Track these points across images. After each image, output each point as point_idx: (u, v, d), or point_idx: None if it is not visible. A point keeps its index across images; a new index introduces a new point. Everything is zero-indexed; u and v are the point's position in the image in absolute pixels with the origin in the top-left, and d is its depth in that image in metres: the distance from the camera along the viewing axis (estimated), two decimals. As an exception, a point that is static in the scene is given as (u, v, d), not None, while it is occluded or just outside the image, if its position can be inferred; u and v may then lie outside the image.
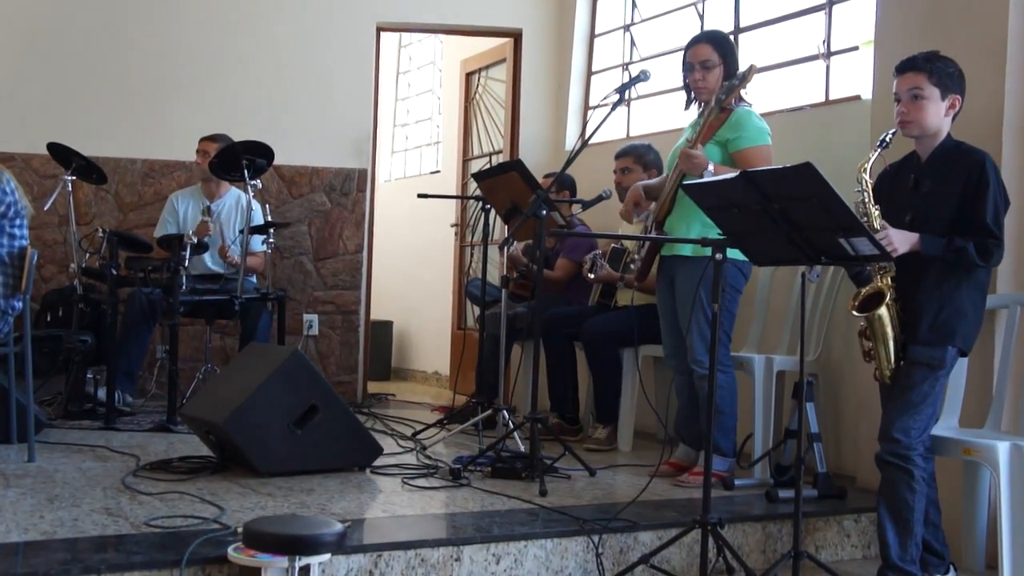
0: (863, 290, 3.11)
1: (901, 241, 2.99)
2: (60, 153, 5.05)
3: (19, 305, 4.07)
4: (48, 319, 5.49)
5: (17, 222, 4.06)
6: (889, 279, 3.09)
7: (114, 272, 4.84)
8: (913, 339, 3.07)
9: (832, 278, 4.23)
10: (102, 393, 4.93)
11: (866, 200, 3.07)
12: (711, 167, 3.76)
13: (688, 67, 4.04)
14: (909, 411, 3.03)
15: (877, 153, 3.12)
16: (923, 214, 3.09)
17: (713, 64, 3.98)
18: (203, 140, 5.60)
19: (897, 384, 3.09)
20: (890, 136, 3.11)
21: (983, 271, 3.07)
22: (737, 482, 3.93)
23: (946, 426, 3.33)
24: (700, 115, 4.07)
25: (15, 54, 6.07)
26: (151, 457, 3.95)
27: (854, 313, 3.10)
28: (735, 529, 3.40)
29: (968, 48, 3.49)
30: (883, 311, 3.05)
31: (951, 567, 3.25)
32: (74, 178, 5.07)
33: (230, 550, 2.58)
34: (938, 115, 3.09)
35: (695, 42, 4.06)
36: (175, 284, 4.75)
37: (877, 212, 3.06)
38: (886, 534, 3.06)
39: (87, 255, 5.08)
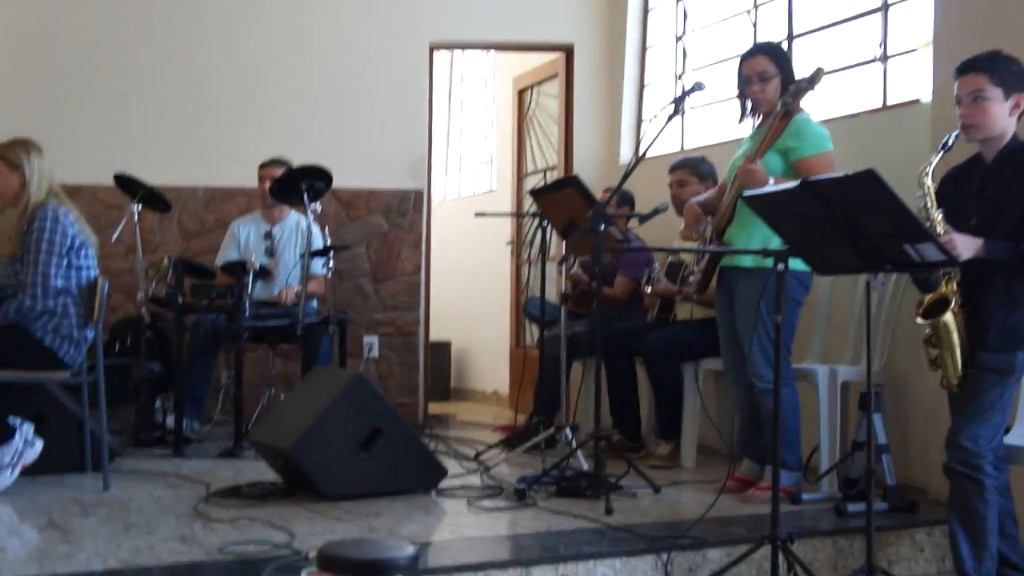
0: (927, 297, 3.06)
1: (965, 247, 2.93)
2: (126, 183, 5.15)
3: (91, 335, 4.16)
4: (117, 348, 5.59)
5: (83, 252, 4.15)
6: (954, 284, 3.03)
7: (180, 300, 4.91)
8: (982, 345, 3.00)
9: (895, 285, 4.17)
10: (171, 420, 5.01)
11: (928, 205, 3.02)
12: (772, 182, 3.72)
13: (746, 80, 4.00)
14: (977, 418, 2.97)
15: (939, 156, 3.06)
16: (988, 218, 3.03)
17: (771, 75, 3.95)
18: (264, 166, 5.66)
19: (965, 391, 3.02)
20: (953, 138, 3.05)
21: (1053, 276, 3.00)
22: (804, 496, 3.88)
23: (1019, 434, 3.25)
24: (759, 127, 4.04)
25: (77, 86, 6.22)
26: (220, 483, 4.00)
27: (919, 320, 3.05)
28: (805, 545, 3.36)
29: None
30: (948, 317, 2.99)
31: (1031, 580, 3.17)
32: (140, 207, 5.16)
33: (303, 575, 2.60)
34: (1002, 116, 3.02)
35: (751, 54, 4.03)
36: (239, 309, 4.81)
37: (940, 217, 3.01)
38: (959, 546, 3.00)
39: (153, 284, 5.16)
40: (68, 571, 2.77)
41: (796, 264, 3.41)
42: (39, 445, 3.97)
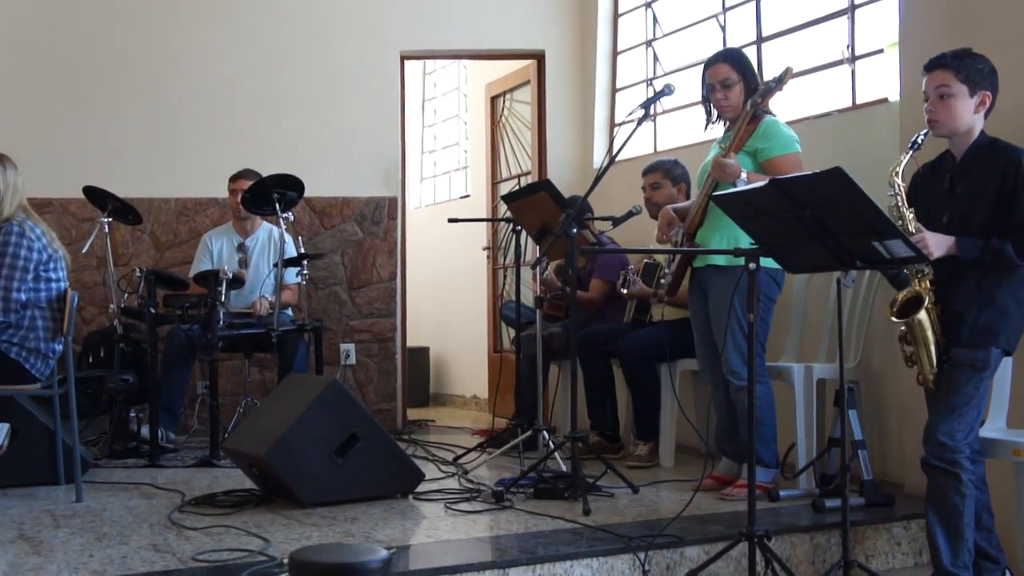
0: (901, 295, 3.07)
1: (937, 245, 2.95)
2: (96, 196, 5.12)
3: (59, 348, 4.13)
4: (90, 360, 5.55)
5: (51, 266, 4.13)
6: (928, 282, 3.05)
7: (152, 311, 4.89)
8: (955, 341, 3.02)
9: (868, 283, 4.20)
10: (145, 431, 4.98)
11: (899, 204, 3.04)
12: (744, 175, 3.75)
13: (709, 87, 4.06)
14: (953, 414, 2.99)
15: (909, 155, 3.08)
16: (959, 214, 3.05)
17: (733, 82, 4.00)
18: (234, 179, 5.65)
19: (941, 387, 3.04)
20: (922, 137, 3.07)
21: (1025, 270, 3.02)
22: (782, 493, 3.89)
23: (994, 427, 3.27)
24: (727, 130, 4.07)
25: (48, 100, 6.19)
26: (196, 492, 3.98)
27: (893, 319, 3.06)
28: (782, 541, 3.37)
29: (996, 44, 3.44)
30: (922, 315, 3.00)
31: (1007, 571, 3.18)
32: (110, 220, 5.13)
33: (277, 581, 2.59)
34: (967, 112, 3.05)
35: (712, 62, 4.08)
36: (213, 320, 4.79)
37: (911, 215, 3.02)
38: (936, 540, 3.01)
39: (126, 295, 5.13)
40: (39, 583, 2.74)
41: (768, 262, 3.42)
42: (5, 427, 3.89)
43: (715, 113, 4.10)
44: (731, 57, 4.08)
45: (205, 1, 6.36)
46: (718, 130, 4.19)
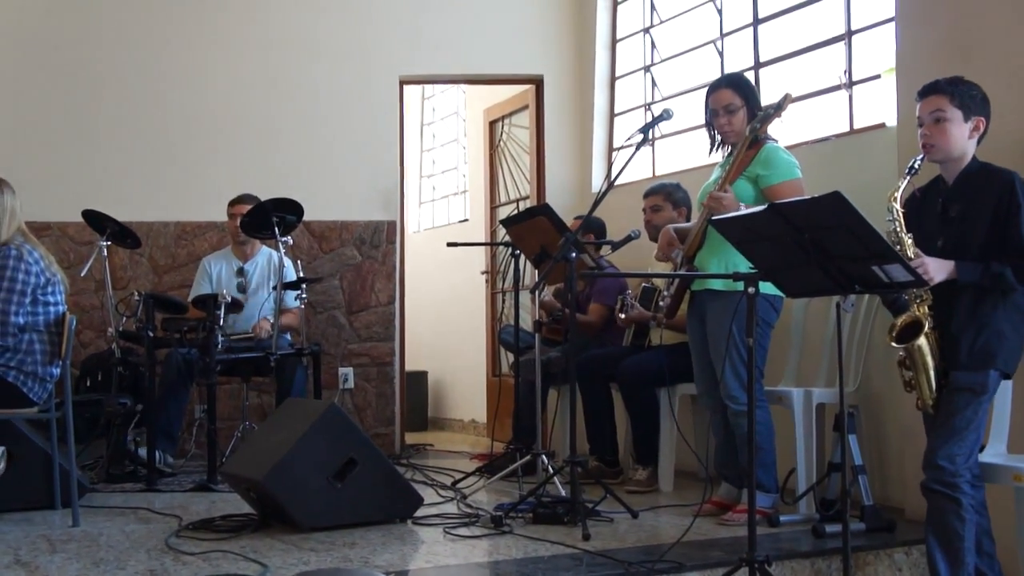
0: (899, 321, 3.07)
1: (937, 270, 2.95)
2: (94, 219, 5.13)
3: (56, 372, 4.12)
4: (88, 384, 5.54)
5: (49, 289, 4.12)
6: (926, 307, 3.05)
7: (151, 334, 4.88)
8: (953, 365, 3.02)
9: (867, 307, 4.20)
10: (143, 454, 4.96)
11: (898, 228, 3.04)
12: (742, 208, 3.74)
13: (712, 113, 4.06)
14: (953, 437, 2.98)
15: (907, 180, 3.09)
16: (954, 239, 3.06)
17: (736, 107, 4.01)
18: (233, 203, 5.66)
19: (940, 411, 3.04)
20: (919, 162, 3.08)
21: (1021, 294, 3.02)
22: (782, 518, 3.88)
23: (994, 453, 3.26)
24: (728, 155, 4.08)
25: (46, 124, 6.21)
26: (193, 517, 3.96)
27: (892, 344, 3.06)
28: (783, 566, 3.35)
29: (991, 71, 3.47)
30: (922, 340, 3.00)
31: (1008, 597, 3.17)
32: (109, 243, 5.13)
33: (275, 607, 2.57)
34: (962, 138, 3.07)
35: (715, 87, 4.09)
36: (211, 343, 4.78)
37: (910, 240, 3.03)
38: (937, 565, 3.00)
39: (124, 319, 5.12)
40: (35, 608, 2.72)
41: (766, 287, 3.42)
42: (1, 451, 3.86)
43: (719, 138, 4.11)
44: (734, 82, 4.09)
45: (205, 25, 6.40)
46: (719, 154, 4.20)
